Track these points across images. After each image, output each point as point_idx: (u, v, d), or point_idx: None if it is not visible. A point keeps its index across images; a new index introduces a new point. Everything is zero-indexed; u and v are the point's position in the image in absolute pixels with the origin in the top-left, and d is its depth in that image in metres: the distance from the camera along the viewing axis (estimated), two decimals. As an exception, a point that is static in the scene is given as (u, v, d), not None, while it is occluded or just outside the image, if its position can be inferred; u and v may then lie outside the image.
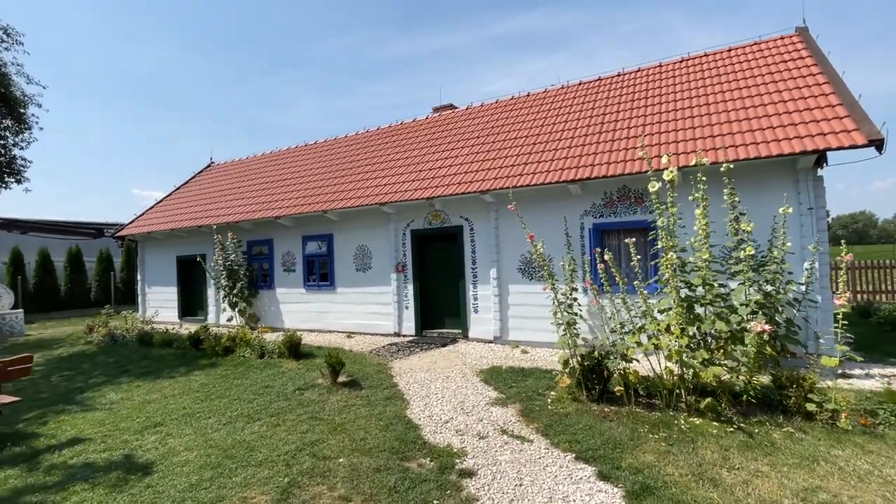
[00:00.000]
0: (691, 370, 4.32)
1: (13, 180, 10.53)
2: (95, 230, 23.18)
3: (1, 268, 17.86)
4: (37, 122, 10.36)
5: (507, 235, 8.65)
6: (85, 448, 4.38)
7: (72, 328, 14.28)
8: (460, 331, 9.22)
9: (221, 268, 11.89)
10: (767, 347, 4.36)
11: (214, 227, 12.21)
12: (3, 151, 10.11)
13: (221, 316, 12.77)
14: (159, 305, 14.92)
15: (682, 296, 4.53)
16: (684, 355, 4.23)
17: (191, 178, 18.28)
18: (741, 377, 4.27)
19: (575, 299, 7.49)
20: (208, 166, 18.95)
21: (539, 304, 8.25)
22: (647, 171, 7.15)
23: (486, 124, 11.08)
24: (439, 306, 9.70)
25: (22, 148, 10.35)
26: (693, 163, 5.10)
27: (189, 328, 11.50)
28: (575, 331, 5.41)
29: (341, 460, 3.85)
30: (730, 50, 9.93)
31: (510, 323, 8.60)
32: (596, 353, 5.13)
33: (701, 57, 10.10)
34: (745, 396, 4.20)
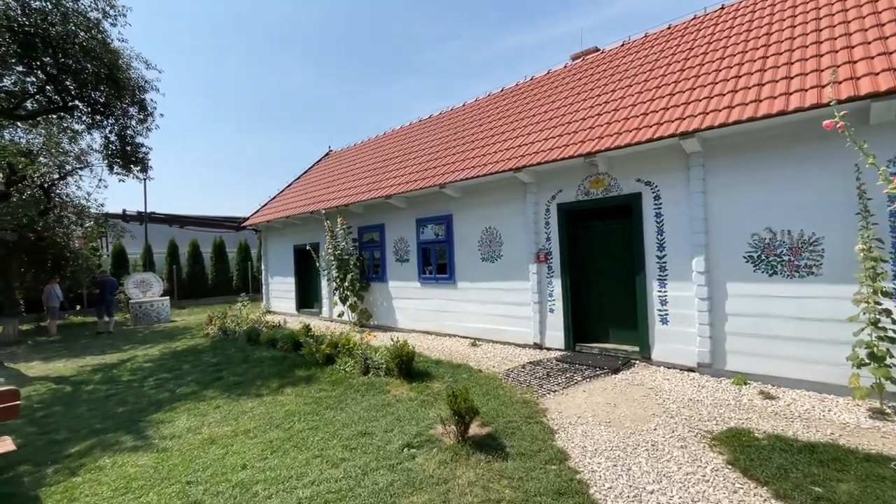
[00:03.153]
0: None
1: (138, 168, 10.47)
2: (237, 224, 25.02)
3: (160, 258, 19.71)
4: (155, 108, 10.06)
5: (726, 203, 5.38)
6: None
7: (206, 316, 14.60)
8: (637, 349, 6.23)
9: (332, 257, 10.59)
10: None
11: (324, 212, 10.96)
12: (129, 139, 9.99)
13: (334, 310, 11.58)
14: (280, 296, 14.58)
15: None
16: None
17: (310, 168, 17.96)
18: None
19: (887, 311, 4.10)
20: (326, 154, 18.50)
21: (792, 315, 4.90)
22: None
23: (660, 55, 7.72)
24: (601, 311, 6.82)
25: (144, 136, 10.17)
26: None
27: (303, 322, 10.45)
28: None
29: None
30: None
31: (729, 343, 5.35)
32: None
33: None
34: None
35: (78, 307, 17.49)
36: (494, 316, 7.94)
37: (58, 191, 12.62)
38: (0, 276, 11.75)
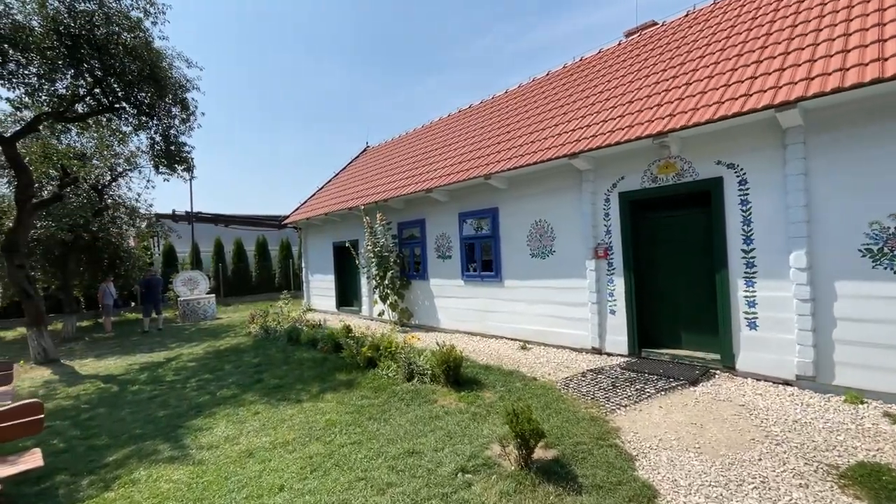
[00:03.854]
0: None
1: (182, 168, 10.54)
2: (278, 222, 25.49)
3: (207, 257, 20.26)
4: (197, 107, 10.04)
5: (834, 187, 4.50)
6: None
7: (249, 314, 14.75)
8: (717, 356, 5.44)
9: (371, 254, 10.27)
10: None
11: (362, 207, 10.66)
12: (172, 139, 10.04)
13: (374, 309, 11.29)
14: (320, 294, 14.52)
15: None
16: None
17: (348, 164, 17.83)
18: None
19: None
20: (364, 150, 18.31)
21: (929, 322, 3.99)
22: None
23: (735, 20, 6.76)
24: (671, 313, 6.05)
25: (187, 135, 10.19)
26: None
27: (343, 320, 10.23)
28: None
29: None
30: None
31: (839, 353, 4.49)
32: None
33: None
34: None
35: (133, 304, 18.24)
36: (546, 317, 7.31)
37: (110, 192, 13.03)
38: (59, 275, 12.25)
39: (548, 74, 10.54)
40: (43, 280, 13.62)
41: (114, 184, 12.99)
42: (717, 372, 5.33)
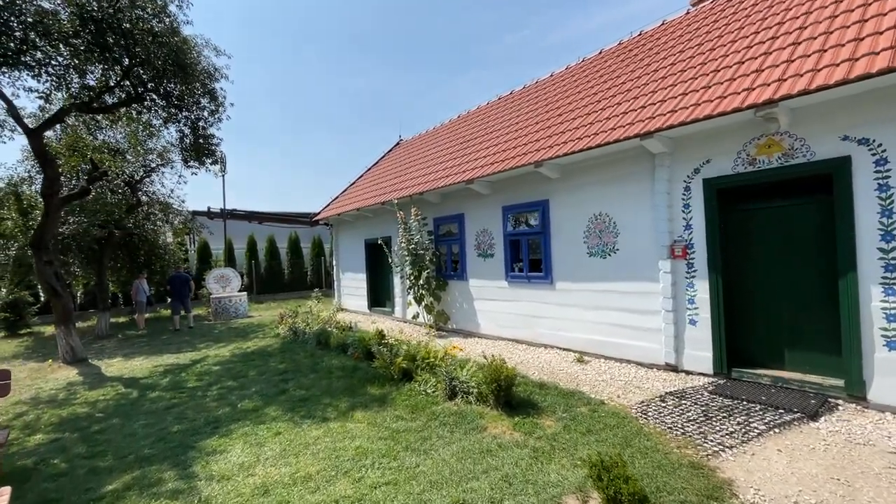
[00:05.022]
0: None
1: (210, 160, 10.15)
2: (309, 219, 25.32)
3: (240, 254, 20.21)
4: (225, 97, 9.59)
5: None
6: None
7: (278, 313, 14.38)
8: (839, 382, 4.33)
9: (405, 252, 9.54)
10: None
11: (396, 201, 9.94)
12: (200, 130, 9.65)
13: (408, 311, 10.57)
14: (351, 293, 13.97)
15: None
16: None
17: (381, 158, 17.24)
18: None
19: None
20: (397, 144, 17.68)
21: None
22: None
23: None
24: (770, 324, 4.96)
25: (216, 127, 9.78)
26: None
27: (375, 322, 9.60)
28: None
29: None
30: None
31: None
32: None
33: None
34: None
35: (168, 300, 18.34)
36: (606, 325, 6.33)
37: (144, 188, 12.90)
38: (93, 271, 12.19)
39: (601, 52, 9.47)
40: (82, 277, 13.70)
41: (146, 179, 12.84)
42: (841, 402, 4.23)
